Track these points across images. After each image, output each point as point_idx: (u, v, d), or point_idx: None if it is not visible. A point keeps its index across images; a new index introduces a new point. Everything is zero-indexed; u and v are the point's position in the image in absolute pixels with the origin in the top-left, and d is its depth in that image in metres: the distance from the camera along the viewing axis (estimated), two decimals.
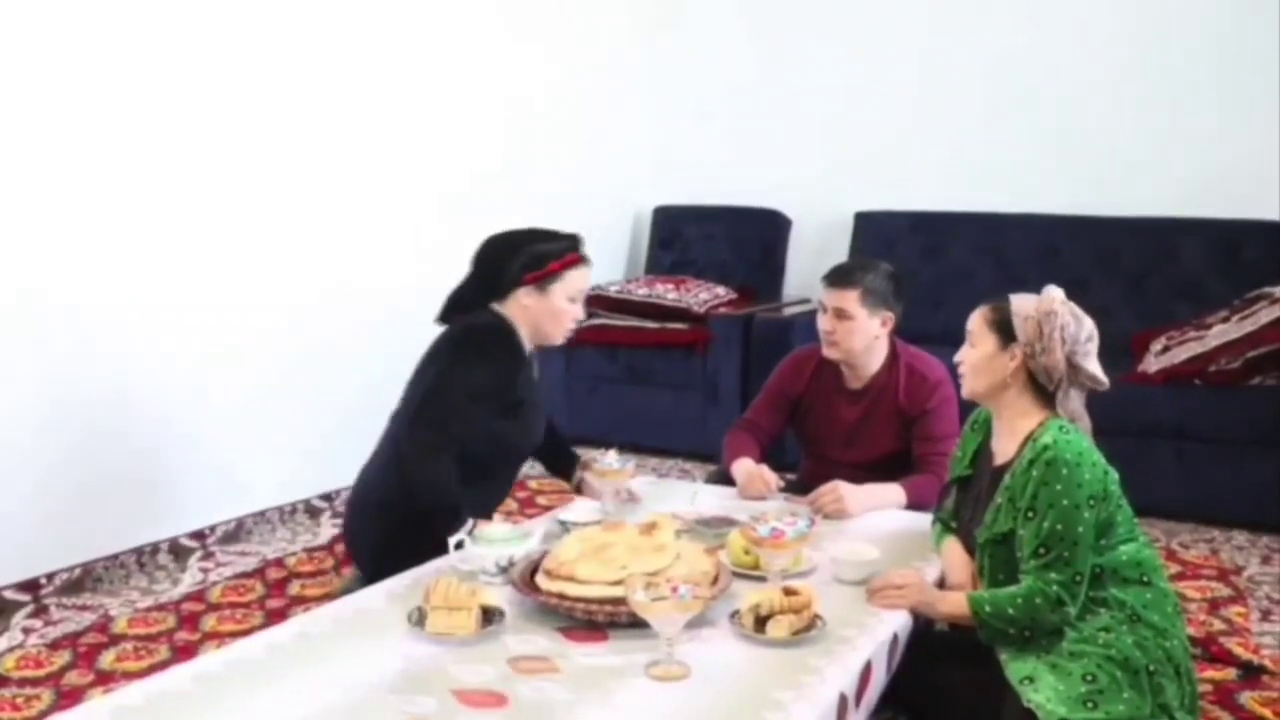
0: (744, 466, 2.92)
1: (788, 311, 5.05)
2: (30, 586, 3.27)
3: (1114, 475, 2.18)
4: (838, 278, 2.95)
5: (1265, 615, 3.24)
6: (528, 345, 2.82)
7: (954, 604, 2.18)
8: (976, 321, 2.30)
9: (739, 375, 4.80)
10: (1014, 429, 2.26)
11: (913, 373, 2.98)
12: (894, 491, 2.82)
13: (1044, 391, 2.23)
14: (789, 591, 2.03)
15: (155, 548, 3.60)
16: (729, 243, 5.45)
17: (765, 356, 4.28)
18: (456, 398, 2.66)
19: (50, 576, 3.32)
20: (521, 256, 2.76)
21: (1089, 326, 2.22)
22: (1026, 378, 2.23)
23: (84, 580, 3.39)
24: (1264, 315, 4.00)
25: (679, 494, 2.96)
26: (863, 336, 2.92)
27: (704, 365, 4.87)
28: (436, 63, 4.46)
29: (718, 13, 5.55)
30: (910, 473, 2.88)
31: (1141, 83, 4.75)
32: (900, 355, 3.01)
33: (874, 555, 2.33)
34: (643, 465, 4.51)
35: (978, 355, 2.27)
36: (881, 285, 2.93)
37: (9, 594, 3.22)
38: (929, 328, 3.76)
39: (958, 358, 2.33)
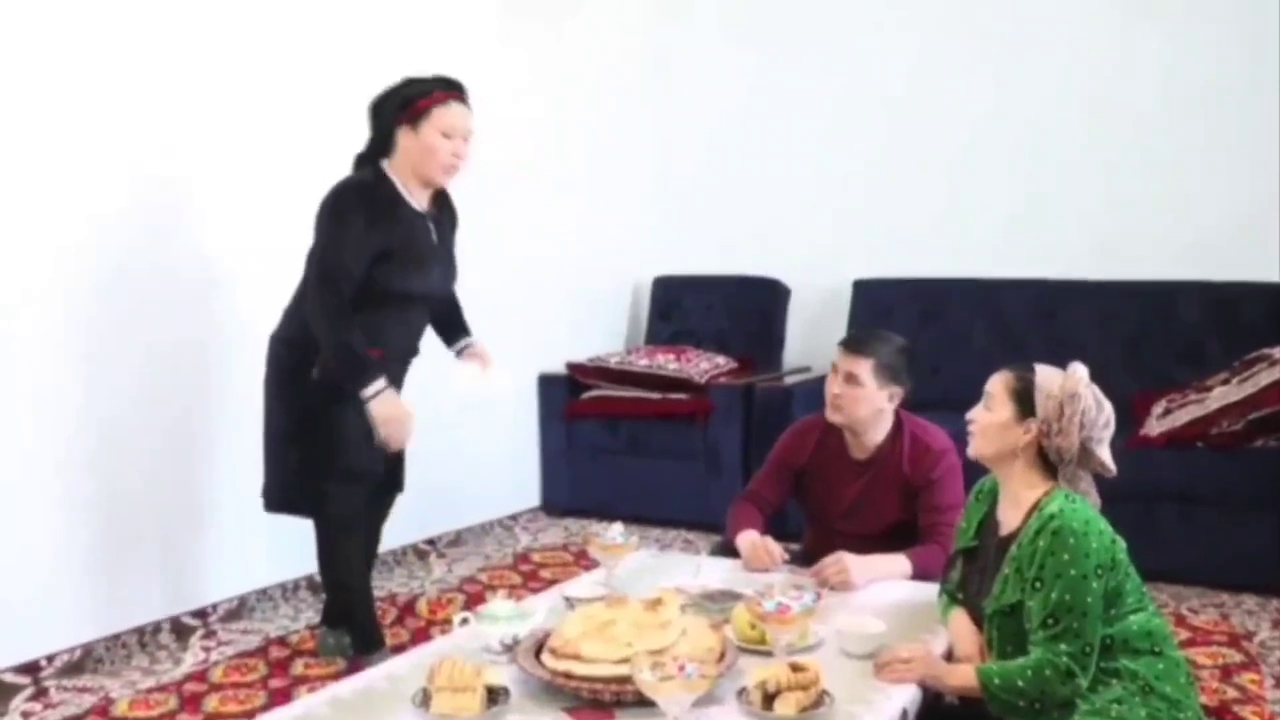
0: (748, 538, 2.91)
1: (788, 380, 5.06)
2: (30, 669, 3.24)
3: (1121, 544, 2.17)
4: (854, 344, 2.95)
5: (1279, 682, 3.21)
6: (412, 196, 3.09)
7: (963, 676, 2.16)
8: (997, 386, 2.27)
9: (740, 445, 4.80)
10: (1019, 499, 2.25)
11: (916, 442, 2.98)
12: (899, 562, 2.80)
13: (1052, 466, 2.23)
14: (796, 667, 2.01)
15: (157, 627, 3.58)
16: (728, 312, 5.48)
17: (766, 426, 4.29)
18: (335, 262, 2.96)
19: (50, 658, 3.29)
20: (393, 101, 3.03)
21: (1108, 412, 2.21)
22: (1036, 451, 2.23)
23: (84, 661, 3.36)
24: (1264, 377, 4.01)
25: (683, 567, 2.95)
26: (868, 406, 2.92)
27: (705, 435, 4.87)
28: None
29: (715, 86, 5.63)
30: (915, 543, 2.87)
31: (1136, 146, 4.81)
32: (905, 425, 3.01)
33: (880, 629, 2.31)
34: (646, 536, 4.50)
35: (992, 421, 2.25)
36: (895, 360, 2.94)
37: (8, 676, 3.18)
38: (928, 394, 3.75)
39: (971, 415, 2.31)
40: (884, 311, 4.95)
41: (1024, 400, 2.22)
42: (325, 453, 3.10)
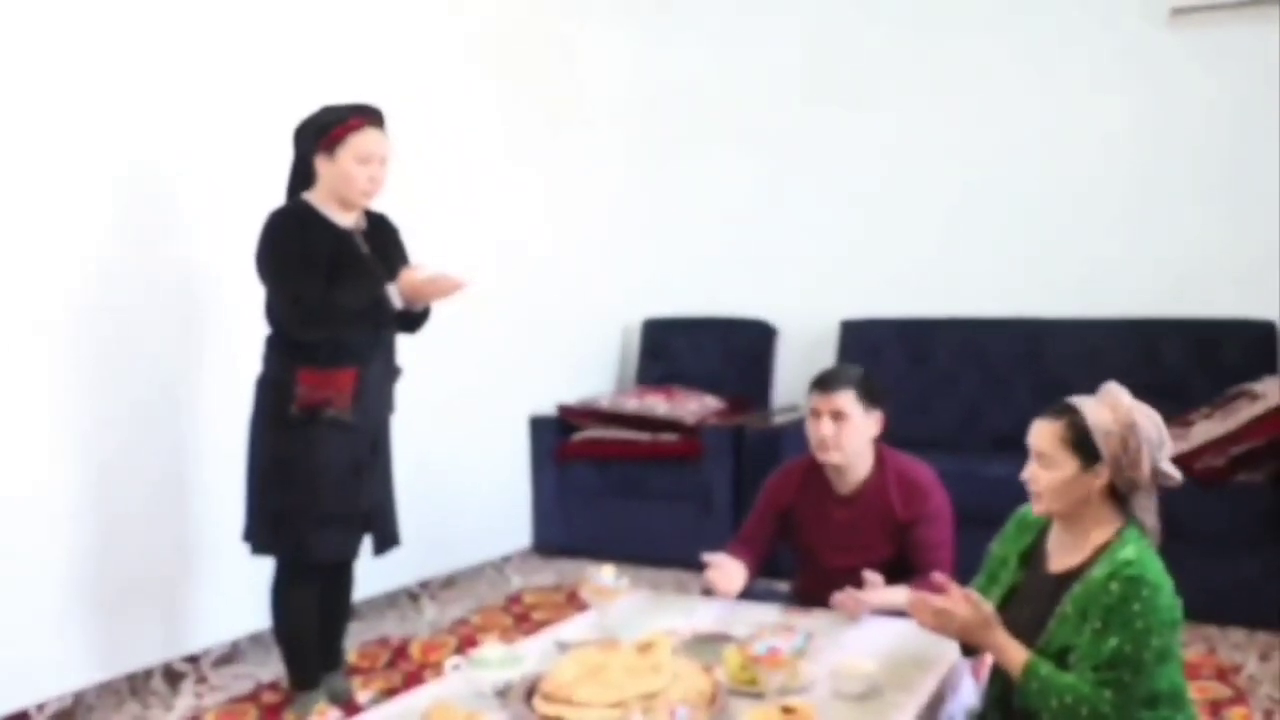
0: (715, 557, 2.93)
1: (778, 420, 5.09)
2: (20, 718, 3.23)
3: (1179, 601, 2.14)
4: (829, 382, 2.98)
5: (1268, 715, 3.23)
6: (334, 217, 3.15)
7: (1014, 655, 2.12)
8: (1049, 441, 2.15)
9: (731, 485, 4.82)
10: (1087, 538, 2.18)
11: (903, 478, 3.01)
12: (902, 593, 2.83)
13: (1121, 497, 2.17)
14: (788, 709, 2.03)
15: (148, 673, 3.58)
16: (718, 353, 5.52)
17: (757, 465, 4.32)
18: (295, 284, 3.04)
19: (41, 706, 3.28)
20: (311, 130, 3.11)
21: (1160, 424, 2.15)
22: (1107, 489, 2.17)
23: (76, 709, 3.36)
24: (1245, 413, 4.06)
25: (675, 609, 2.96)
26: (860, 436, 2.96)
27: (696, 476, 4.89)
28: (431, 182, 4.51)
29: (705, 132, 5.69)
30: (903, 579, 2.89)
31: (1120, 189, 4.87)
32: (887, 461, 3.04)
33: (871, 668, 2.33)
34: (638, 576, 4.49)
35: (1058, 479, 2.15)
36: (869, 384, 3.00)
37: None
38: (916, 432, 3.80)
39: (1027, 475, 2.20)
40: (872, 351, 5.00)
41: (1083, 447, 2.13)
42: (303, 496, 3.12)
